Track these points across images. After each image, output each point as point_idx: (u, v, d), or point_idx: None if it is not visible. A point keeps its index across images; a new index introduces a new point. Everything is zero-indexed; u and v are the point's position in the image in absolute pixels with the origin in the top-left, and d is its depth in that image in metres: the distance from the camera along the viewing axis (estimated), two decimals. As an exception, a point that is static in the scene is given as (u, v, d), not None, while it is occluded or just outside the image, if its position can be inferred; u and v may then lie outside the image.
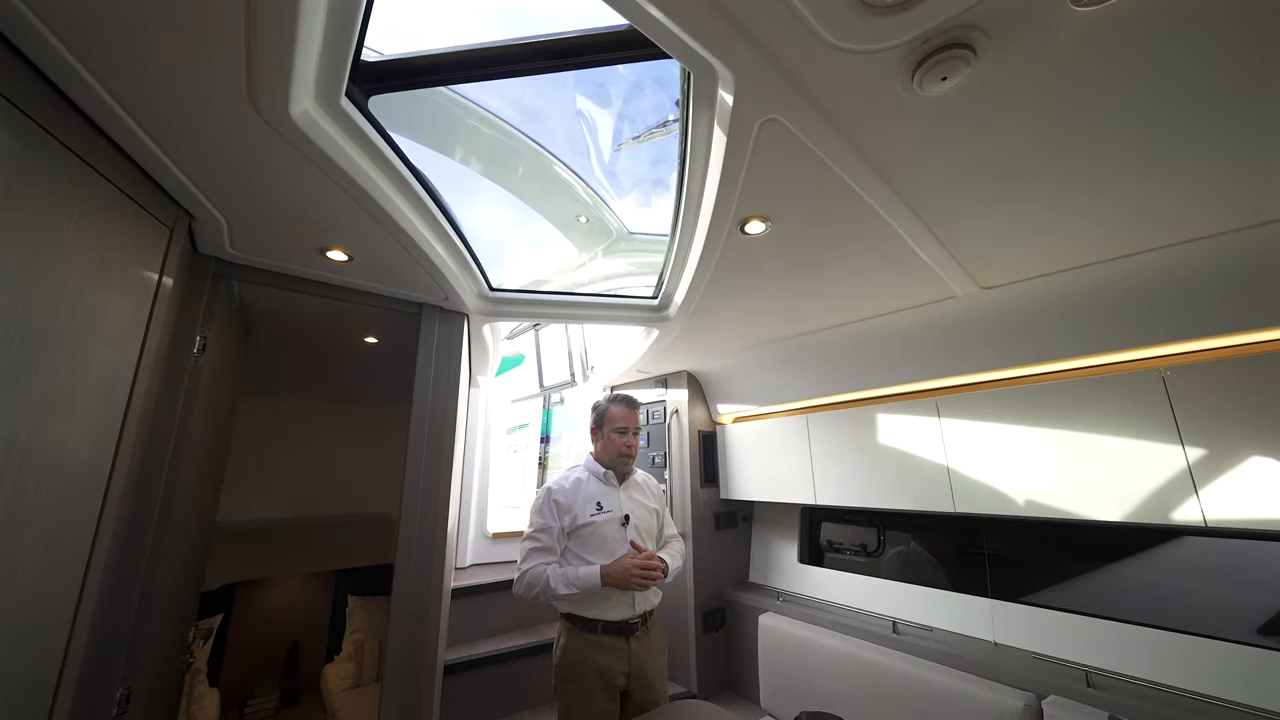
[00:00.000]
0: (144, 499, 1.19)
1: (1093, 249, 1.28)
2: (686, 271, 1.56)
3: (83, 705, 1.03)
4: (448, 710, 2.06)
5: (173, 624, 1.45)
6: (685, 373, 2.78)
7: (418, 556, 1.59)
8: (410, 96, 1.58)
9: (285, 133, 0.91)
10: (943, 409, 1.82)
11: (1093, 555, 1.65)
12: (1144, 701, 1.35)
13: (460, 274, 1.65)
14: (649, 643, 1.64)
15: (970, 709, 1.54)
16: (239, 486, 2.91)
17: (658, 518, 1.80)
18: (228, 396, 1.76)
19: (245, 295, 1.74)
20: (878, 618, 2.03)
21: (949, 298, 1.57)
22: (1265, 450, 1.19)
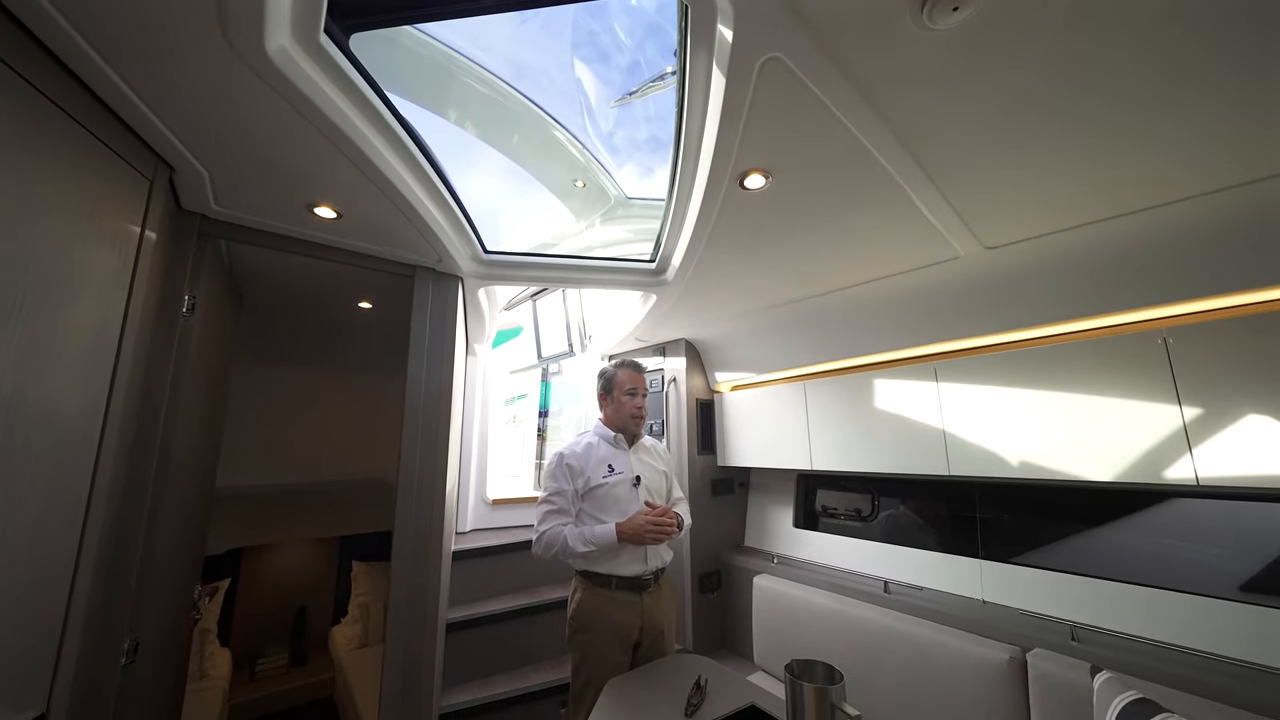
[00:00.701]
0: (140, 458, 1.19)
1: (1098, 205, 1.25)
2: (684, 232, 1.53)
3: (91, 653, 1.05)
4: (451, 665, 2.13)
5: (176, 582, 1.47)
6: (683, 340, 2.76)
7: (416, 521, 1.61)
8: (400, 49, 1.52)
9: (262, 71, 0.86)
10: (941, 374, 1.82)
11: (1083, 519, 1.67)
12: (1125, 654, 1.39)
13: (453, 235, 1.61)
14: (660, 598, 1.70)
15: (957, 661, 1.58)
16: (240, 452, 2.93)
17: (667, 480, 1.85)
18: (221, 360, 1.74)
19: (235, 257, 1.70)
20: (870, 578, 2.08)
21: (952, 259, 1.54)
22: (1262, 409, 1.19)
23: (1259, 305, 1.23)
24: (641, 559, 1.64)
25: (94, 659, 1.08)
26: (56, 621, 0.91)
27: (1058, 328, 1.54)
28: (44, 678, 0.89)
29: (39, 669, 0.88)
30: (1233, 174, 1.08)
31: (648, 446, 1.86)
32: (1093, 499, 1.66)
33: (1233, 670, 1.25)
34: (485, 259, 1.79)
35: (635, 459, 1.78)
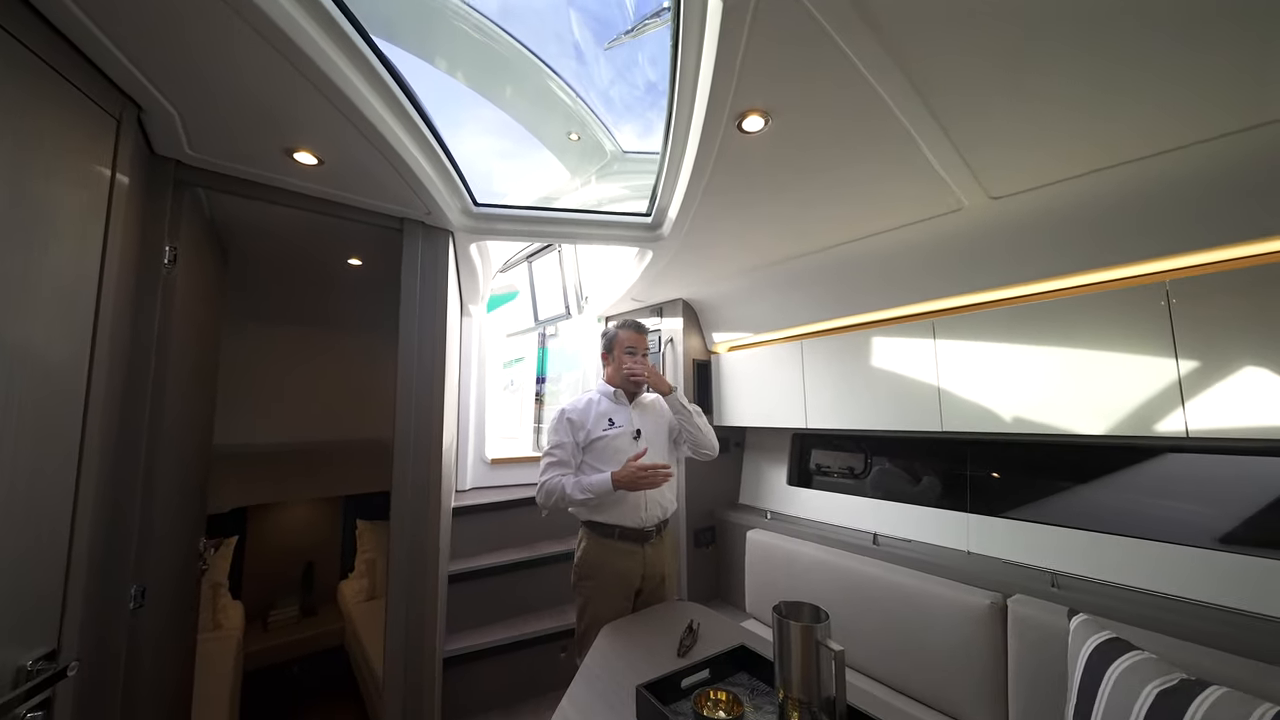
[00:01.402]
0: (132, 411, 1.19)
1: (1108, 150, 1.20)
2: (681, 181, 1.48)
3: (97, 597, 1.08)
4: (454, 613, 2.21)
5: (179, 533, 1.50)
6: (680, 300, 2.73)
7: (414, 478, 1.62)
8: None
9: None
10: (939, 330, 1.80)
11: (1070, 475, 1.70)
12: (1103, 599, 1.44)
13: (442, 186, 1.56)
14: (662, 548, 1.76)
15: (940, 607, 1.64)
16: (237, 412, 2.95)
17: (670, 432, 1.88)
18: (210, 316, 1.72)
19: (216, 208, 1.65)
20: (860, 532, 2.13)
21: (955, 210, 1.50)
22: (1258, 361, 1.18)
23: (1258, 257, 1.21)
24: (641, 510, 1.68)
25: (101, 603, 1.11)
26: (59, 565, 0.92)
27: (1059, 282, 1.52)
28: (52, 618, 0.92)
29: (47, 609, 0.90)
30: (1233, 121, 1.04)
31: (649, 403, 1.90)
32: (1081, 455, 1.68)
33: (1207, 614, 1.30)
34: (476, 212, 1.74)
35: (636, 414, 1.81)
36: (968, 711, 1.55)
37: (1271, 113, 1.02)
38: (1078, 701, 1.20)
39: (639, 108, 2.92)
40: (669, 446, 1.87)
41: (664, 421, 1.87)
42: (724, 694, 1.08)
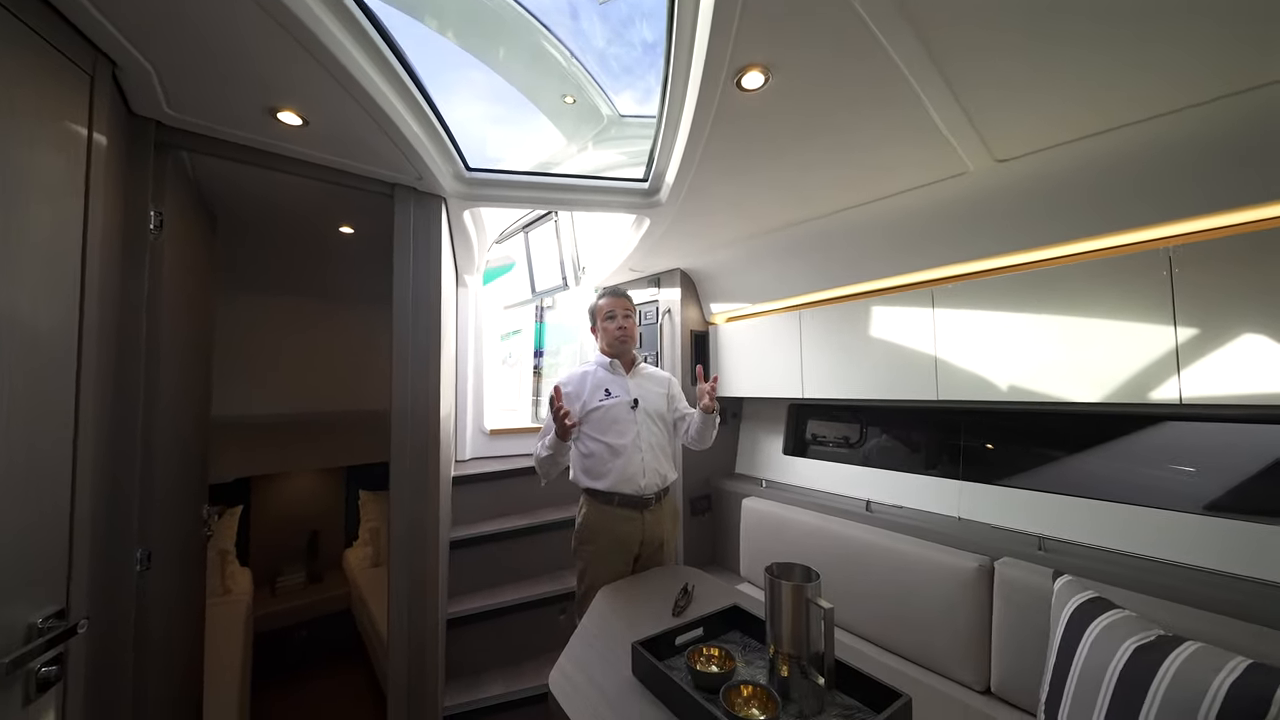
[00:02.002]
0: (126, 379, 1.18)
1: (1117, 110, 1.16)
2: (678, 143, 1.44)
3: (103, 559, 1.10)
4: (457, 577, 2.27)
5: (181, 499, 1.52)
6: (678, 270, 2.70)
7: (412, 448, 1.63)
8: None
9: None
10: (938, 299, 1.79)
11: (1062, 444, 1.72)
12: (1088, 561, 1.47)
13: (433, 149, 1.52)
14: (661, 515, 1.78)
15: (930, 569, 1.69)
16: (235, 383, 2.95)
17: (669, 401, 1.90)
18: (201, 285, 1.70)
19: (202, 172, 1.61)
20: (854, 500, 2.17)
21: (960, 174, 1.46)
22: (1255, 328, 1.18)
23: (1260, 223, 1.19)
24: (640, 478, 1.71)
25: (108, 565, 1.13)
26: (62, 528, 0.94)
27: (1062, 249, 1.50)
28: (59, 579, 0.94)
29: (53, 571, 0.92)
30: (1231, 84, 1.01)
31: (646, 373, 1.90)
32: (1074, 423, 1.70)
33: (1190, 575, 1.33)
34: (469, 177, 1.69)
35: (633, 383, 1.82)
36: (952, 668, 1.61)
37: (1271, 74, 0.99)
38: (1057, 658, 1.24)
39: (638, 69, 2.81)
40: (667, 417, 1.88)
41: (662, 392, 1.88)
42: (716, 650, 1.12)
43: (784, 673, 1.00)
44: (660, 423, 1.83)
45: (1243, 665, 0.96)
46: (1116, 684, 1.07)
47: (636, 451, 1.72)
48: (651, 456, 1.75)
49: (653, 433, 1.79)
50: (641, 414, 1.77)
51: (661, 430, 1.83)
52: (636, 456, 1.72)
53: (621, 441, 1.72)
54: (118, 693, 1.15)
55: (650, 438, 1.77)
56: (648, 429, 1.77)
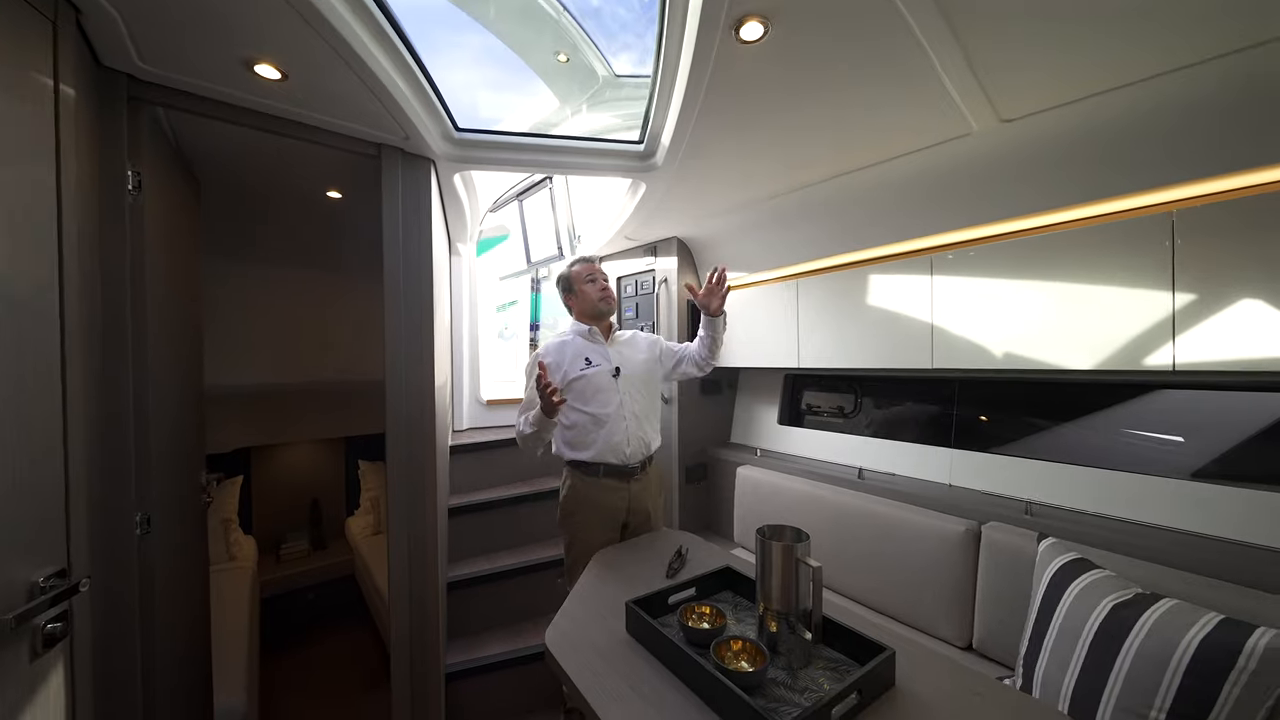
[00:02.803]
0: (114, 344, 1.17)
1: (1129, 66, 1.12)
2: (674, 102, 1.38)
3: (102, 521, 1.11)
4: (457, 543, 2.31)
5: (178, 465, 1.53)
6: (675, 239, 2.66)
7: (407, 417, 1.63)
8: None
9: None
10: (936, 267, 1.77)
11: (1054, 411, 1.73)
12: (1073, 525, 1.51)
13: (420, 108, 1.46)
14: (647, 484, 1.78)
15: (918, 534, 1.73)
16: (231, 352, 2.94)
17: (659, 362, 1.88)
18: (187, 250, 1.66)
19: (180, 131, 1.56)
20: (846, 468, 2.20)
21: (964, 135, 1.42)
22: (1255, 293, 1.17)
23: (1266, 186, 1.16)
24: (625, 447, 1.70)
25: (107, 528, 1.14)
26: (58, 490, 0.94)
27: (1063, 214, 1.47)
28: (58, 540, 0.95)
29: (51, 530, 0.93)
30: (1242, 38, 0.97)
31: (625, 339, 1.87)
32: (1066, 393, 1.70)
33: (1173, 537, 1.36)
34: (458, 138, 1.64)
35: (613, 351, 1.79)
36: (936, 626, 1.66)
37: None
38: (1038, 615, 1.28)
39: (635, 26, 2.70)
40: (653, 383, 1.85)
41: (644, 357, 1.84)
42: (708, 608, 1.15)
43: (773, 628, 1.03)
44: (644, 389, 1.80)
45: (1215, 620, 0.99)
46: (1094, 638, 1.11)
47: (620, 420, 1.70)
48: (636, 425, 1.73)
49: (636, 400, 1.75)
50: (624, 381, 1.74)
51: (645, 396, 1.80)
52: (621, 425, 1.70)
53: (605, 411, 1.70)
54: (125, 648, 1.18)
55: (634, 405, 1.74)
56: (630, 396, 1.74)
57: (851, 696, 0.87)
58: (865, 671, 0.90)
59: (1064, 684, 1.13)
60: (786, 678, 0.97)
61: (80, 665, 0.99)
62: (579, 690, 0.99)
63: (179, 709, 1.49)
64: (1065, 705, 1.11)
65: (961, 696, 0.93)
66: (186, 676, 1.59)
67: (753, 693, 0.89)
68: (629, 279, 3.02)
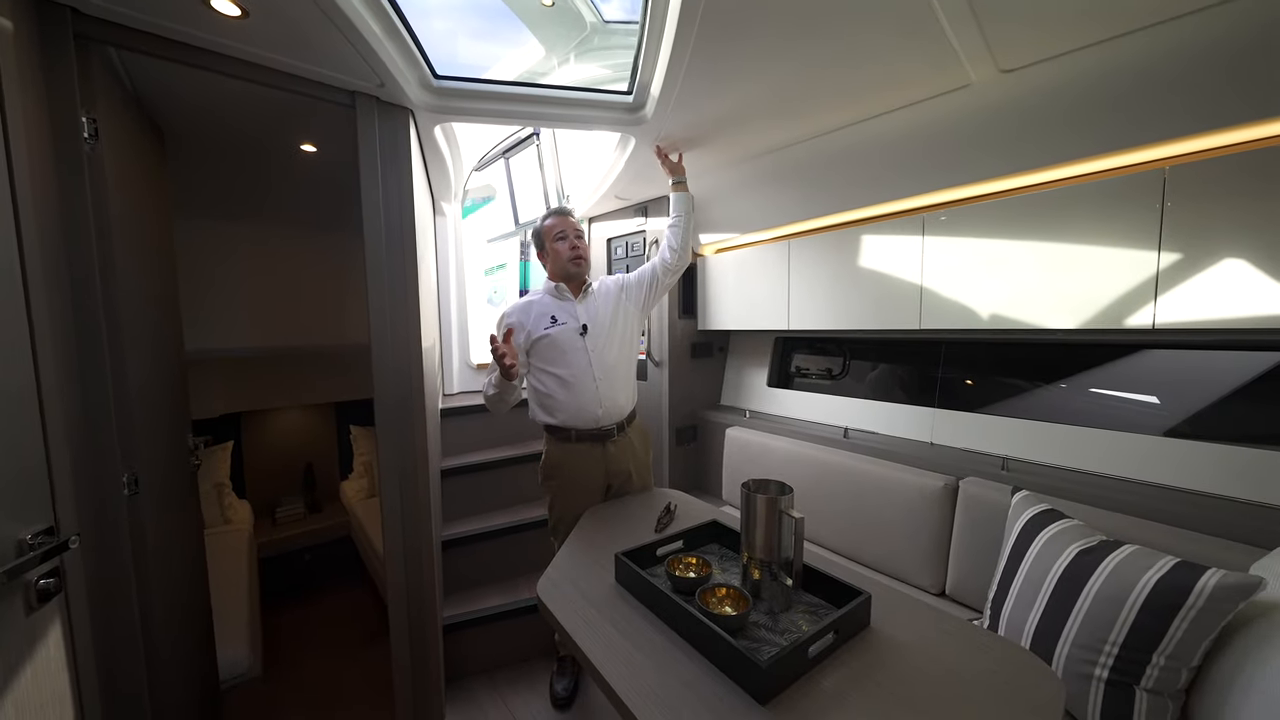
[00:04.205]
0: (84, 301, 1.13)
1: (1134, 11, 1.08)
2: (663, 48, 1.32)
3: (87, 480, 1.11)
4: (450, 504, 2.35)
5: (163, 428, 1.52)
6: (666, 198, 2.59)
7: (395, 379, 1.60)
8: None
9: None
10: (928, 227, 1.75)
11: (1034, 371, 1.76)
12: (1047, 479, 1.56)
13: (394, 52, 1.37)
14: (626, 446, 1.77)
15: (899, 489, 1.79)
16: (212, 316, 2.88)
17: (631, 301, 1.81)
18: (155, 205, 1.59)
19: (137, 77, 1.46)
20: (833, 428, 2.25)
21: (963, 86, 1.38)
22: (1238, 251, 1.18)
23: (1258, 142, 1.15)
24: (596, 410, 1.68)
25: (93, 487, 1.14)
26: (36, 447, 0.93)
27: (1059, 170, 1.45)
28: (43, 498, 0.94)
29: (35, 489, 0.92)
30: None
31: (595, 290, 1.80)
32: (1046, 354, 1.73)
33: (1140, 490, 1.42)
34: (437, 86, 1.55)
35: (582, 308, 1.73)
36: (912, 575, 1.74)
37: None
38: (1007, 562, 1.35)
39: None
40: (628, 338, 1.79)
41: (613, 306, 1.77)
42: (694, 559, 1.19)
43: (756, 576, 1.08)
44: (617, 346, 1.73)
45: (1170, 563, 1.05)
46: (1058, 582, 1.17)
47: (590, 382, 1.66)
48: (607, 386, 1.68)
49: (606, 359, 1.70)
50: (593, 340, 1.68)
51: (618, 354, 1.73)
52: (590, 387, 1.66)
53: (570, 372, 1.66)
54: (123, 602, 1.20)
55: (603, 365, 1.69)
56: (600, 355, 1.69)
57: (828, 636, 0.92)
58: (842, 613, 0.95)
59: (1027, 624, 1.20)
60: (768, 621, 1.02)
61: (78, 618, 1.01)
62: (570, 636, 1.03)
63: (181, 661, 1.54)
64: (1028, 643, 1.18)
65: (931, 635, 0.99)
66: (187, 630, 1.63)
67: (736, 634, 0.94)
68: (619, 240, 2.97)
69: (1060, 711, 0.81)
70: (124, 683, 1.20)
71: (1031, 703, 0.82)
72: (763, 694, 0.82)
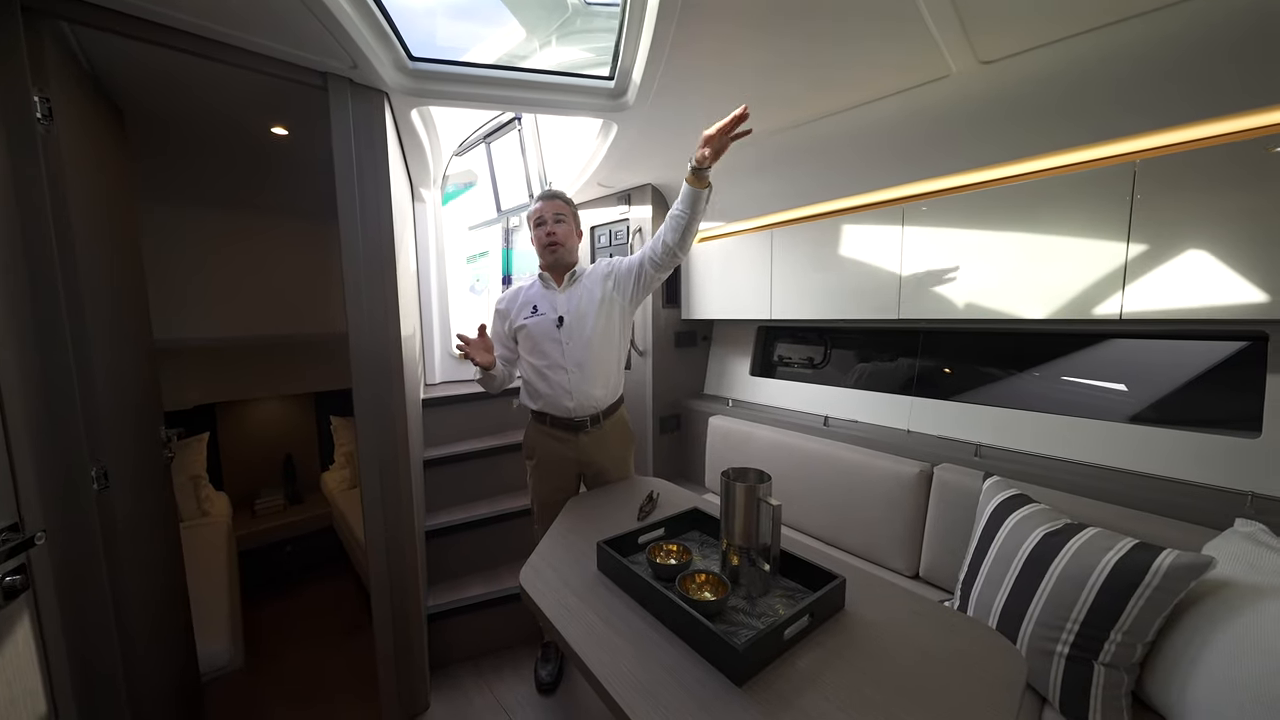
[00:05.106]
0: (42, 291, 1.08)
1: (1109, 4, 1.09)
2: (645, 32, 1.30)
3: (53, 473, 1.08)
4: (434, 494, 2.34)
5: (133, 420, 1.48)
6: (649, 186, 2.58)
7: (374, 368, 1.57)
8: None
9: None
10: (908, 217, 1.77)
11: (1007, 360, 1.81)
12: (1017, 465, 1.62)
13: (366, 31, 1.33)
14: (600, 439, 1.75)
15: (876, 475, 1.83)
16: (181, 304, 2.80)
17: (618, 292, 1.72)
18: (117, 189, 1.52)
19: (93, 56, 1.39)
20: (814, 416, 2.28)
21: (943, 76, 1.39)
22: (1202, 243, 1.21)
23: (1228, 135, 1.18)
24: (566, 399, 1.68)
25: (60, 482, 1.10)
26: (-2, 440, 0.90)
27: (1035, 163, 1.47)
28: (6, 493, 0.91)
29: (-2, 486, 0.90)
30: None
31: (583, 278, 1.74)
32: (1019, 343, 1.78)
33: (1105, 474, 1.47)
34: (413, 69, 1.51)
35: (564, 297, 1.71)
36: (888, 558, 1.80)
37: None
38: (977, 544, 1.39)
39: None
40: (610, 330, 1.71)
41: (598, 297, 1.70)
42: (675, 545, 1.21)
43: (735, 562, 1.10)
44: (596, 338, 1.66)
45: (1130, 544, 1.10)
46: (1024, 564, 1.22)
47: (562, 372, 1.67)
48: (579, 378, 1.66)
49: (579, 352, 1.66)
50: (568, 332, 1.66)
51: (597, 347, 1.68)
52: (562, 377, 1.67)
53: (545, 363, 1.68)
54: (95, 598, 1.18)
55: (578, 357, 1.66)
56: (575, 347, 1.66)
57: (804, 619, 0.94)
58: (817, 597, 0.97)
59: (995, 604, 1.24)
60: (746, 605, 1.04)
61: (48, 616, 0.99)
62: (552, 624, 1.04)
63: (159, 655, 1.52)
64: (995, 623, 1.23)
65: (903, 616, 1.02)
66: (164, 624, 1.61)
67: (714, 619, 0.96)
68: (602, 229, 2.94)
69: (1022, 687, 0.85)
70: (100, 677, 1.19)
71: (996, 679, 0.86)
72: (739, 676, 0.84)
